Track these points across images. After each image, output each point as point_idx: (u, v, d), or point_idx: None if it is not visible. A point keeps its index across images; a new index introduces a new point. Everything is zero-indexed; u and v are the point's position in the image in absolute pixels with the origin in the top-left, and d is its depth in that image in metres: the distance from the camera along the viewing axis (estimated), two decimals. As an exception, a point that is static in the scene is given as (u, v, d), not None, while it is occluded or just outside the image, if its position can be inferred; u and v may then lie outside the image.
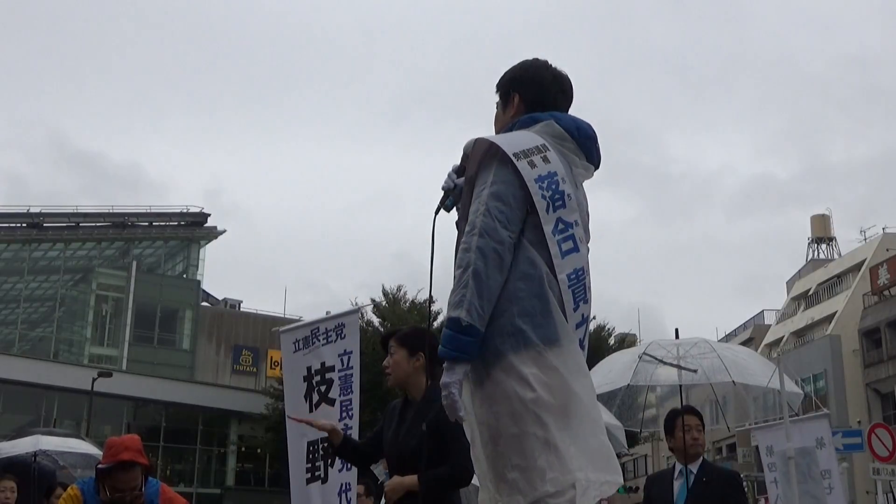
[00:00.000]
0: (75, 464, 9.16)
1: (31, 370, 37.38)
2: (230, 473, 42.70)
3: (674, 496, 5.36)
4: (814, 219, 58.09)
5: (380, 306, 33.32)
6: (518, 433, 2.62)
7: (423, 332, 4.36)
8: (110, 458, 4.16)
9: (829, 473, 8.47)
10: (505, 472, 2.66)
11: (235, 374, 47.28)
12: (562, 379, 2.64)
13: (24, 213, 47.99)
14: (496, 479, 2.72)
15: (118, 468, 4.13)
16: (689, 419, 5.46)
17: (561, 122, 2.92)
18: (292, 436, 6.30)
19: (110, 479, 4.15)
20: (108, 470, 4.15)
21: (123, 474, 4.14)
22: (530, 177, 2.74)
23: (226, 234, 53.46)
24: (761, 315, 59.87)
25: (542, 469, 2.59)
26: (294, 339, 6.43)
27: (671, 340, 6.82)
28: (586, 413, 2.70)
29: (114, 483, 4.14)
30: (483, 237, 2.66)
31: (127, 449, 4.18)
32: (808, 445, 8.49)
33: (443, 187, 2.98)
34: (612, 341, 34.34)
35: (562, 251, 2.78)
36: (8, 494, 7.14)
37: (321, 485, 6.08)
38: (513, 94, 3.02)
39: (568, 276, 2.77)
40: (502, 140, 2.83)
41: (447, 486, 3.93)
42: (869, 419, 36.67)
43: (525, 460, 2.62)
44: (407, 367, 4.14)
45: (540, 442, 2.60)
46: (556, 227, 2.78)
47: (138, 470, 4.18)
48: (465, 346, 2.60)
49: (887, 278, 41.91)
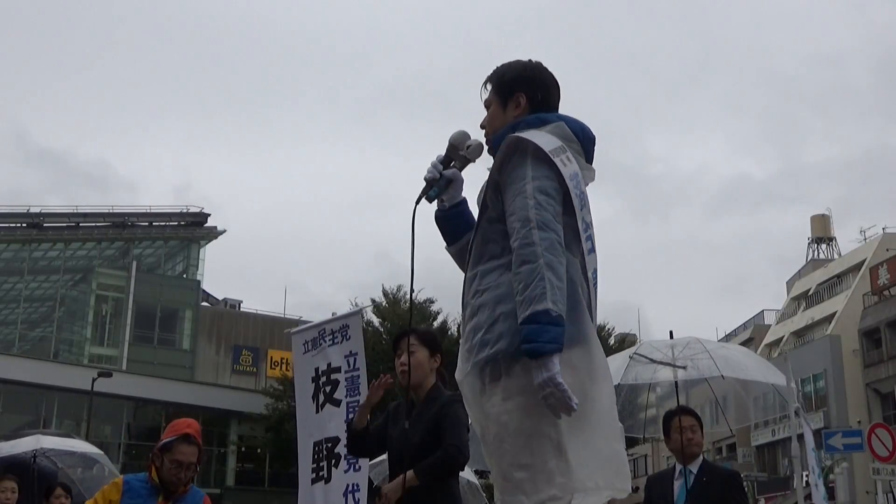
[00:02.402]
0: (74, 464, 9.15)
1: (31, 370, 37.35)
2: (230, 473, 42.67)
3: (674, 496, 5.37)
4: (814, 219, 58.06)
5: (380, 306, 33.33)
6: (531, 431, 2.58)
7: (436, 334, 4.35)
8: (174, 432, 4.30)
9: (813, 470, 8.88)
10: (511, 471, 2.61)
11: (235, 374, 47.26)
12: (579, 380, 2.59)
13: (24, 213, 48.03)
14: (500, 479, 2.67)
15: (181, 440, 4.26)
16: (684, 419, 5.47)
17: (570, 125, 2.90)
18: (301, 436, 6.31)
19: (171, 452, 4.25)
20: (170, 444, 4.26)
21: (186, 447, 4.26)
22: (566, 174, 2.72)
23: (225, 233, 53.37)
24: (761, 315, 59.85)
25: (550, 472, 2.55)
26: (304, 341, 6.44)
27: (664, 341, 6.83)
28: (602, 418, 2.66)
29: (174, 455, 4.24)
30: (543, 230, 2.60)
31: (190, 426, 4.34)
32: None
33: (426, 178, 2.97)
34: (613, 341, 34.35)
35: (586, 251, 2.79)
36: (9, 495, 7.13)
37: (324, 485, 6.08)
38: (518, 93, 2.96)
39: (592, 276, 2.79)
40: (534, 137, 2.78)
41: (442, 471, 3.90)
42: (869, 419, 36.65)
43: (533, 460, 2.57)
44: (427, 368, 4.12)
45: (553, 444, 2.56)
46: (583, 226, 2.78)
47: (196, 449, 4.30)
48: (558, 337, 2.50)
49: (887, 278, 41.91)
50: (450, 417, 3.90)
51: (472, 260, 2.83)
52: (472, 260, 2.83)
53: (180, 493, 4.30)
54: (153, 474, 4.30)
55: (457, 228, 3.03)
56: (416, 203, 2.93)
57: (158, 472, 4.29)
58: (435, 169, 2.97)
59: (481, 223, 2.84)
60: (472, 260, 2.83)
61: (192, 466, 4.29)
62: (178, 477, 4.26)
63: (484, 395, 2.69)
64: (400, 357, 4.11)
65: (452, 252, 3.07)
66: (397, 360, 4.14)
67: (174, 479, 4.25)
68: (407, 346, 3.99)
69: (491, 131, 2.98)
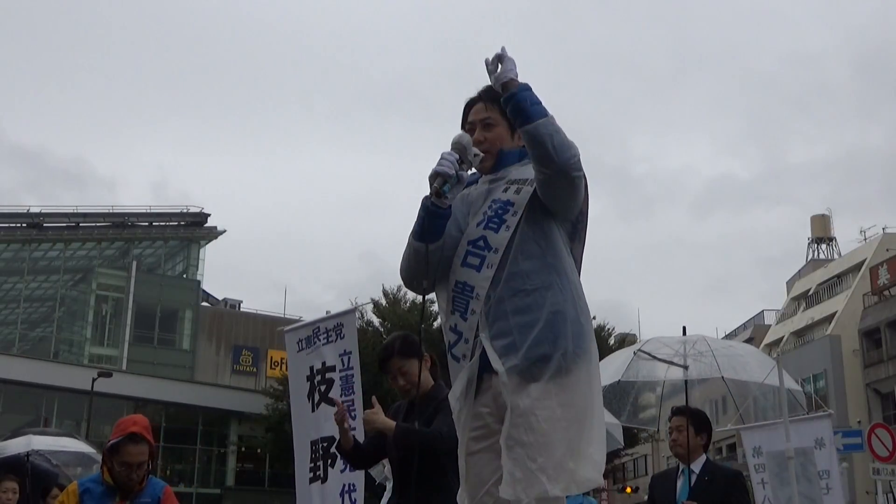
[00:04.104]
0: (68, 462, 9.13)
1: (31, 370, 37.35)
2: (230, 473, 42.66)
3: (676, 495, 5.35)
4: (814, 219, 58.08)
5: (380, 306, 33.29)
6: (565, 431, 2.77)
7: (413, 336, 4.32)
8: (119, 432, 4.17)
9: (828, 474, 8.44)
10: (527, 463, 2.75)
11: (235, 374, 47.25)
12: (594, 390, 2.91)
13: (24, 213, 48.06)
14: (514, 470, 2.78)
15: (127, 440, 4.14)
16: (673, 420, 5.55)
17: None
18: (297, 435, 6.28)
19: (119, 453, 4.14)
20: (117, 445, 4.15)
21: (133, 447, 4.14)
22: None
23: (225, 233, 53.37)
24: (761, 315, 59.90)
25: (570, 471, 2.76)
26: (297, 339, 6.41)
27: (675, 337, 6.81)
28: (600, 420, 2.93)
29: (122, 457, 4.13)
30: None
31: (135, 423, 4.22)
32: (803, 446, 8.46)
33: (441, 171, 2.93)
34: (612, 342, 34.33)
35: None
36: (10, 496, 7.11)
37: (321, 485, 6.06)
38: None
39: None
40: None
41: (418, 441, 3.87)
42: (869, 419, 36.66)
43: (552, 456, 2.75)
44: (426, 374, 4.13)
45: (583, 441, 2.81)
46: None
47: (146, 447, 4.18)
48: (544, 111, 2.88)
49: (887, 278, 41.91)
50: (444, 410, 3.88)
51: (508, 258, 2.93)
52: (508, 258, 2.93)
53: (137, 490, 4.20)
54: (106, 476, 4.20)
55: (442, 228, 3.03)
56: (433, 196, 2.93)
57: (111, 472, 4.19)
58: (452, 164, 2.94)
59: (519, 224, 2.94)
60: (508, 258, 2.93)
61: (143, 465, 4.17)
62: (129, 478, 4.15)
63: (524, 390, 2.80)
64: (396, 381, 4.15)
65: (429, 248, 3.01)
66: (394, 383, 4.17)
67: (126, 480, 4.15)
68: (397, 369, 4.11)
69: (495, 150, 3.11)
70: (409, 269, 3.08)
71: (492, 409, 2.93)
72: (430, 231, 2.98)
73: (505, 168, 3.12)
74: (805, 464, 8.38)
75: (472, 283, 2.96)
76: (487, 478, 2.94)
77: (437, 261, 3.01)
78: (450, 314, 3.02)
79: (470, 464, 2.99)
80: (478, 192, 3.12)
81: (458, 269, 3.01)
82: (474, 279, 2.96)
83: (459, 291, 2.99)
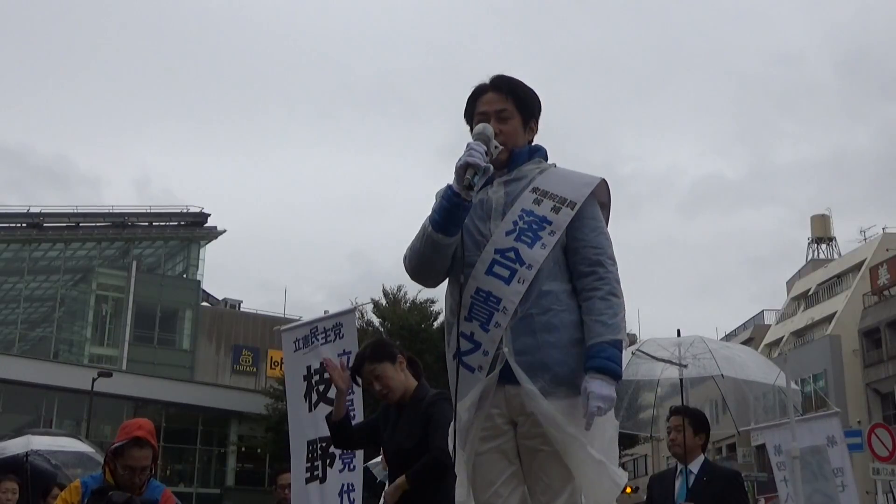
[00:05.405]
0: (67, 462, 9.11)
1: (31, 370, 37.35)
2: (230, 473, 42.66)
3: (674, 495, 5.35)
4: (814, 219, 58.06)
5: (380, 306, 33.26)
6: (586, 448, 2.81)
7: (384, 339, 4.37)
8: (124, 435, 4.16)
9: (842, 471, 8.51)
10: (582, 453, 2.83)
11: (235, 374, 47.24)
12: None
13: (24, 213, 48.06)
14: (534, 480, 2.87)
15: (132, 444, 4.13)
16: (672, 420, 5.56)
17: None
18: (294, 434, 6.28)
19: (122, 457, 4.14)
20: (121, 448, 4.14)
21: (137, 451, 4.13)
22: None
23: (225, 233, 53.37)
24: (761, 315, 59.85)
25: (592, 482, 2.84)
26: (294, 339, 6.41)
27: (671, 339, 6.80)
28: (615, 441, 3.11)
29: (126, 461, 4.12)
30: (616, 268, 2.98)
31: (141, 427, 4.21)
32: (818, 444, 8.50)
33: (471, 161, 2.78)
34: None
35: None
36: (10, 496, 7.11)
37: (319, 485, 6.06)
38: (534, 120, 3.14)
39: None
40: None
41: (431, 475, 3.89)
42: (869, 419, 36.64)
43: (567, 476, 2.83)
44: (400, 377, 4.11)
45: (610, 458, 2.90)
46: None
47: (150, 451, 4.18)
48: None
49: (887, 278, 41.90)
50: (434, 418, 3.92)
51: (543, 274, 2.89)
52: (543, 274, 2.89)
53: (137, 493, 4.18)
54: (108, 477, 4.20)
55: (462, 221, 2.90)
56: (466, 188, 2.80)
57: (113, 474, 4.18)
58: (482, 156, 2.79)
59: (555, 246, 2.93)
60: (543, 274, 2.89)
61: (146, 469, 4.16)
62: (132, 482, 4.13)
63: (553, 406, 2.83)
64: (372, 387, 4.13)
65: (448, 242, 2.90)
66: (371, 390, 4.16)
67: (128, 483, 4.13)
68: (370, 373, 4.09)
69: (511, 144, 3.03)
70: (423, 261, 2.95)
71: (502, 409, 2.89)
72: (451, 222, 2.86)
73: (518, 167, 3.03)
74: (821, 461, 8.45)
75: (498, 295, 2.86)
76: (495, 478, 2.90)
77: (450, 255, 2.94)
78: (464, 320, 2.90)
79: (477, 465, 2.93)
80: (494, 193, 3.00)
81: (481, 276, 2.89)
82: (502, 291, 2.86)
83: (482, 301, 2.88)
